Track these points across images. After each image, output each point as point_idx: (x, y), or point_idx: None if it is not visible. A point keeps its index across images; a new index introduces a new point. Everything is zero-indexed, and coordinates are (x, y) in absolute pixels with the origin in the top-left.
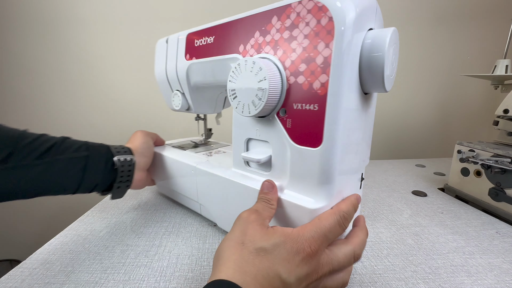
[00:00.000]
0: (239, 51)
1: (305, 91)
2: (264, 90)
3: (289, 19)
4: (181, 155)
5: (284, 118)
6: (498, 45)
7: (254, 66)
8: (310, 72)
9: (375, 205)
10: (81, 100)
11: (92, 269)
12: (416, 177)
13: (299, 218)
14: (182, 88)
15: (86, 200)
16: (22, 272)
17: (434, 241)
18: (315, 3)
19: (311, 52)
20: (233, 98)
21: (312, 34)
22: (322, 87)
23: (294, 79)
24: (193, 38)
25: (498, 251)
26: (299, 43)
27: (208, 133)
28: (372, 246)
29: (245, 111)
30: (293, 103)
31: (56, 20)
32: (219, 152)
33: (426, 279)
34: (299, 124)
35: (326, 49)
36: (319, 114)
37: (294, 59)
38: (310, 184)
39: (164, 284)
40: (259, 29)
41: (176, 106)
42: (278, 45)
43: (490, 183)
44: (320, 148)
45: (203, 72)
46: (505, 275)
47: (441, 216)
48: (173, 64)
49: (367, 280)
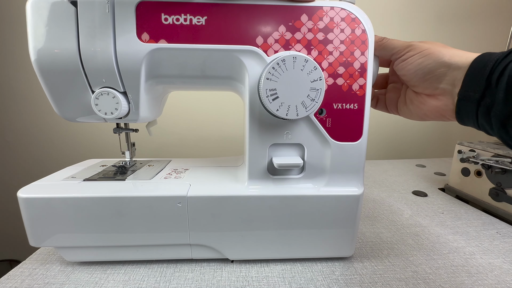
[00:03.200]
0: (256, 43)
1: (345, 92)
2: (318, 90)
3: (322, 22)
4: (139, 188)
5: (324, 118)
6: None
7: (307, 64)
8: (349, 75)
9: (375, 205)
10: None
11: (92, 269)
12: (417, 177)
13: (349, 205)
14: (123, 83)
15: None
16: (22, 272)
17: (435, 241)
18: (348, 13)
19: (348, 57)
20: (273, 99)
21: (348, 41)
22: (360, 88)
23: (333, 80)
24: (159, 11)
25: (499, 251)
26: (335, 47)
27: (132, 150)
28: (372, 246)
29: (291, 113)
30: (333, 103)
31: None
32: (179, 171)
33: (426, 279)
34: (340, 122)
35: (362, 56)
36: (359, 112)
37: (331, 61)
38: (350, 174)
39: (164, 284)
40: (285, 23)
41: (107, 112)
42: (312, 45)
43: (490, 183)
44: (360, 141)
45: (185, 63)
46: (506, 275)
47: (441, 216)
48: (107, 46)
49: (368, 280)
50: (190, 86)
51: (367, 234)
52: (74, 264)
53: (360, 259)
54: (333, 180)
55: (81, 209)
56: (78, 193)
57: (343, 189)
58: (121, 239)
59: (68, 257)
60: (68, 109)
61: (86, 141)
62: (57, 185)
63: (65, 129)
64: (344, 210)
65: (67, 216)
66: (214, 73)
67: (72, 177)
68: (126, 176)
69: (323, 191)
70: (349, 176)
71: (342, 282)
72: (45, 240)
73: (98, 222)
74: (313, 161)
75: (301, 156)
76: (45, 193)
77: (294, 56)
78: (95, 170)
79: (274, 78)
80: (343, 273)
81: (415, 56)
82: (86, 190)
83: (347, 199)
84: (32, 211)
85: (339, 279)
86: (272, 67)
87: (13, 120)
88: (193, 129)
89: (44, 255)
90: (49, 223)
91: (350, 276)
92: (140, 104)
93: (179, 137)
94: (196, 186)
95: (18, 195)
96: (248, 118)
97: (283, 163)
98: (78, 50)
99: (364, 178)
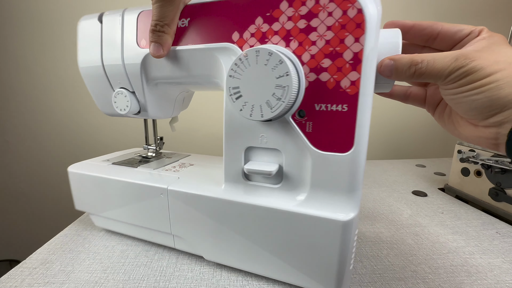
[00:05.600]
0: (232, 40)
1: (331, 90)
2: (285, 88)
3: (305, 7)
4: (136, 175)
5: (303, 121)
6: None
7: (271, 58)
8: (337, 68)
9: (375, 205)
10: (81, 100)
11: (92, 269)
12: (416, 177)
13: (329, 233)
14: (131, 85)
15: None
16: (22, 272)
17: (434, 241)
18: None
19: (336, 47)
20: (236, 98)
21: (338, 26)
22: (352, 85)
23: (316, 76)
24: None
25: (498, 251)
26: (320, 35)
27: (159, 143)
28: (372, 246)
29: (255, 114)
30: (315, 104)
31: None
32: (184, 165)
33: (426, 279)
34: (323, 127)
35: (356, 43)
36: (350, 116)
37: (314, 53)
38: (337, 193)
39: (164, 284)
40: (262, 14)
41: (121, 109)
42: (291, 35)
43: (490, 183)
44: (351, 153)
45: (172, 65)
46: (505, 275)
47: (441, 216)
48: (117, 52)
49: (367, 280)
50: (184, 87)
51: (366, 234)
52: (74, 264)
53: (360, 258)
54: (313, 197)
55: (97, 185)
56: (98, 173)
57: (323, 211)
58: (123, 216)
59: (96, 223)
60: (104, 105)
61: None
62: (93, 164)
63: (65, 129)
64: (322, 237)
65: (91, 190)
66: (198, 72)
67: (108, 160)
68: (139, 165)
69: (298, 208)
70: (336, 196)
71: None
72: (82, 206)
73: (108, 199)
74: (292, 170)
75: (282, 164)
76: (81, 170)
77: (257, 50)
78: (127, 157)
79: (237, 75)
80: None
81: (468, 92)
82: (105, 171)
83: (326, 224)
84: (74, 182)
85: None
86: (235, 63)
87: (13, 120)
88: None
89: (44, 255)
90: (83, 193)
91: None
92: (147, 102)
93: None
94: (181, 181)
95: (68, 169)
96: (224, 118)
97: (252, 168)
98: (101, 58)
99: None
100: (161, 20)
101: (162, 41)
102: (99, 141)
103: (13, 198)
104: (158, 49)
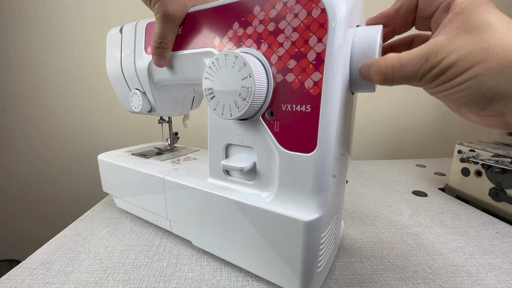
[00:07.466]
0: (214, 44)
1: (295, 91)
2: (249, 89)
3: (274, 10)
4: (144, 164)
5: (271, 121)
6: None
7: (237, 61)
8: (301, 69)
9: (375, 205)
10: (81, 100)
11: (92, 269)
12: (417, 177)
13: (292, 232)
14: (142, 86)
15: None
16: (22, 272)
17: (435, 241)
18: None
19: (301, 47)
20: (211, 99)
21: (302, 27)
22: (315, 86)
23: (282, 77)
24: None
25: (499, 251)
26: (286, 36)
27: (174, 138)
28: (372, 246)
29: (225, 113)
30: (282, 104)
31: (56, 20)
32: (188, 159)
33: (426, 279)
34: (289, 127)
35: (319, 44)
36: (312, 116)
37: (281, 54)
38: (303, 193)
39: (164, 284)
40: (239, 19)
41: (135, 107)
42: (262, 38)
43: (490, 183)
44: (314, 153)
45: (169, 68)
46: (506, 275)
47: (441, 216)
48: (130, 58)
49: (367, 280)
50: (189, 87)
51: (367, 234)
52: (74, 264)
53: (360, 259)
54: (282, 196)
55: (115, 172)
56: (116, 161)
57: (288, 210)
58: (134, 199)
59: (117, 204)
60: (126, 104)
61: (86, 141)
62: (117, 154)
63: (65, 129)
64: (286, 235)
65: (112, 176)
66: (190, 75)
67: (129, 151)
68: (151, 156)
69: (266, 204)
70: (303, 196)
71: (342, 282)
72: (108, 189)
73: (123, 183)
74: (264, 168)
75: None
76: (106, 158)
77: (226, 54)
78: (146, 149)
79: (210, 77)
80: (342, 273)
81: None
82: (122, 160)
83: (290, 223)
84: (102, 168)
85: (339, 279)
86: (208, 66)
87: (13, 120)
88: None
89: (44, 255)
90: (107, 178)
91: (350, 276)
92: (156, 102)
93: None
94: (177, 173)
95: (98, 157)
96: (208, 117)
97: (226, 164)
98: (120, 63)
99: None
100: (164, 38)
101: (165, 55)
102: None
103: (13, 198)
104: (161, 61)
